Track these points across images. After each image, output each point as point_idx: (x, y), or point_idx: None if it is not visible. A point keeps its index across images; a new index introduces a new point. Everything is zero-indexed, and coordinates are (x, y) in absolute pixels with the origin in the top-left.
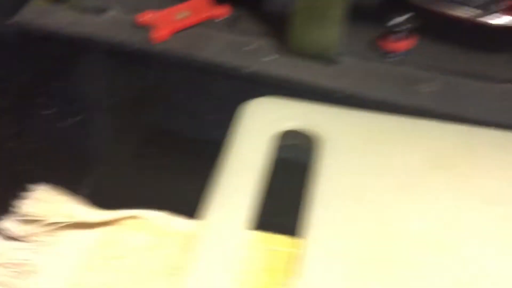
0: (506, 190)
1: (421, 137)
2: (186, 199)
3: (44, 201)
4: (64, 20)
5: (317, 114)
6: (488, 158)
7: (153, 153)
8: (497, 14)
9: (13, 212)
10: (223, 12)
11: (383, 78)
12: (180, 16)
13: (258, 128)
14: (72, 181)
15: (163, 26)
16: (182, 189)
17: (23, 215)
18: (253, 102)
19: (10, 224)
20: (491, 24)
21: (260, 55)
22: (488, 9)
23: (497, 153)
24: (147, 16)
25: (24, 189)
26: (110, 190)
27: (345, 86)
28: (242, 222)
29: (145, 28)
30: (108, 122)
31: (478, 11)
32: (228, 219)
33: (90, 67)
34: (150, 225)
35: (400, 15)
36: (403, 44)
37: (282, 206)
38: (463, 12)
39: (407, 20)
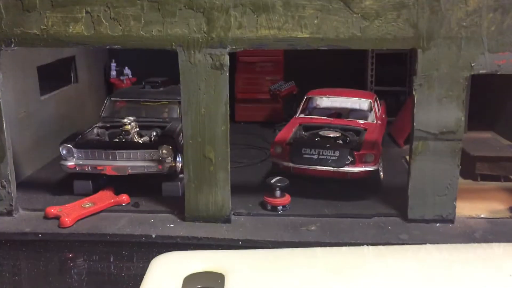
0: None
1: (306, 261)
2: None
3: None
4: None
5: (216, 258)
6: (368, 266)
7: None
8: (350, 166)
9: None
10: (125, 199)
11: (273, 226)
12: (85, 206)
13: (167, 275)
14: None
15: (68, 215)
16: None
17: None
18: (161, 256)
19: None
20: (346, 174)
21: (162, 224)
22: (340, 164)
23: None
24: (54, 209)
25: None
26: None
27: (240, 236)
28: None
29: (54, 219)
30: None
31: (333, 166)
32: None
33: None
34: None
35: (274, 177)
36: (282, 200)
37: None
38: (322, 169)
39: (279, 180)
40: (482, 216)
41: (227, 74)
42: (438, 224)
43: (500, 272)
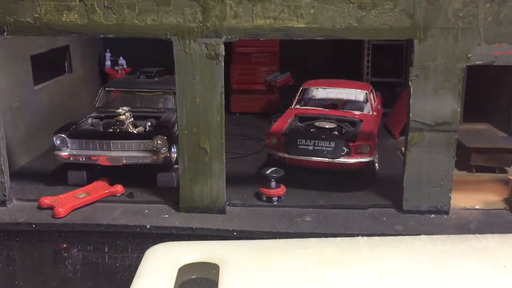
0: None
1: (301, 252)
2: None
3: None
4: None
5: (211, 249)
6: (363, 257)
7: None
8: (345, 157)
9: None
10: (119, 189)
11: (268, 217)
12: (79, 196)
13: (162, 265)
14: None
15: (63, 205)
16: None
17: None
18: (156, 247)
19: None
20: (341, 165)
21: (157, 215)
22: (335, 155)
23: (364, 252)
24: (48, 199)
25: None
26: None
27: (235, 226)
28: None
29: (48, 209)
30: None
31: (329, 157)
32: None
33: None
34: None
35: (269, 168)
36: (277, 191)
37: None
38: (318, 160)
39: (274, 171)
40: (477, 207)
41: (222, 64)
42: (433, 215)
43: (494, 263)
